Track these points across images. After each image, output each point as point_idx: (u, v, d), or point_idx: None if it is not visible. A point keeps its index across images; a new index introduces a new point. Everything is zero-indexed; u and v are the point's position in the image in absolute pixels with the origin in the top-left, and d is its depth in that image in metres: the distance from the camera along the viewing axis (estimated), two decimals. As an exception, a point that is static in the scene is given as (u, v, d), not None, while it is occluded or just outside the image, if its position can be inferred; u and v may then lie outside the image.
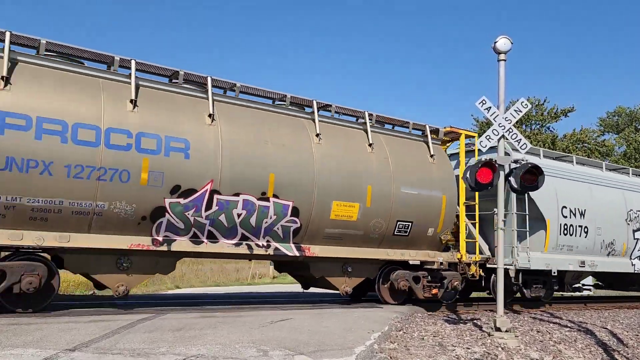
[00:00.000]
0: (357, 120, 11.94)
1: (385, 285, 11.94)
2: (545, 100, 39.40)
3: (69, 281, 21.27)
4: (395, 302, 12.00)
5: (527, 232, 13.54)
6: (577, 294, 17.98)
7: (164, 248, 9.10)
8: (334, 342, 6.89)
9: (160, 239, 9.07)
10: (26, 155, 7.83)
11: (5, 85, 7.94)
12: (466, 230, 12.77)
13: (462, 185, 12.49)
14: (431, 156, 12.30)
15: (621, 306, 16.13)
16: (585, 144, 38.71)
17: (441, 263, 12.16)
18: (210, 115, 9.54)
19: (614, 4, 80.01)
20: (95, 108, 8.52)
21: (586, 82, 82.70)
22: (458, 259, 12.54)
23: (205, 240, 9.52)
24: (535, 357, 7.43)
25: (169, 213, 8.99)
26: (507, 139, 8.78)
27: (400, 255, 11.80)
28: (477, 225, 13.10)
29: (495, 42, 8.73)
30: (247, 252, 9.96)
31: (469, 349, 7.44)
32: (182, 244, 9.29)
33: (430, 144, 12.41)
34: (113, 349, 5.87)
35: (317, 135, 10.73)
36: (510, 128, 8.68)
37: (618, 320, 11.91)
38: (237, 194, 9.58)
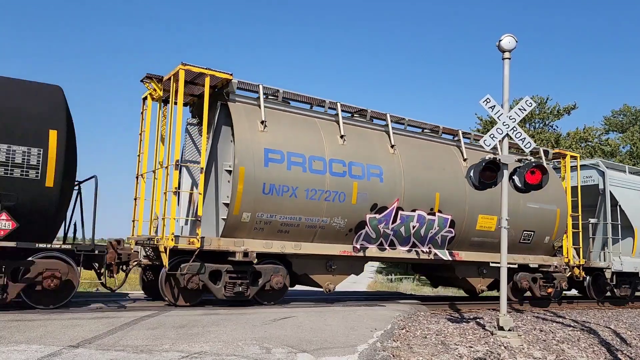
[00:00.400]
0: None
1: (509, 285, 13.70)
2: (547, 98, 39.27)
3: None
4: (516, 299, 14.10)
5: (620, 239, 15.60)
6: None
7: (360, 254, 11.33)
8: (336, 340, 6.89)
9: (358, 246, 11.28)
10: (281, 183, 10.04)
11: (264, 127, 10.08)
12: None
13: (569, 200, 14.97)
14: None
15: (625, 306, 16.14)
16: (589, 143, 38.56)
17: (556, 266, 14.38)
18: (392, 146, 11.82)
19: (621, 2, 79.48)
20: (320, 143, 10.80)
21: (593, 81, 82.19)
22: (566, 262, 14.86)
23: (387, 247, 11.72)
24: (538, 356, 7.42)
25: (367, 226, 11.21)
26: (511, 138, 8.74)
27: (522, 259, 13.95)
28: (580, 233, 15.15)
29: (500, 41, 8.67)
30: (416, 257, 12.15)
31: (471, 347, 7.44)
32: (372, 250, 11.52)
33: (544, 164, 14.36)
34: (116, 345, 5.88)
35: (465, 159, 12.91)
36: (514, 127, 8.65)
37: (621, 320, 11.88)
38: (413, 210, 11.78)
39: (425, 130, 13.10)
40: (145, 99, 11.08)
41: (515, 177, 8.84)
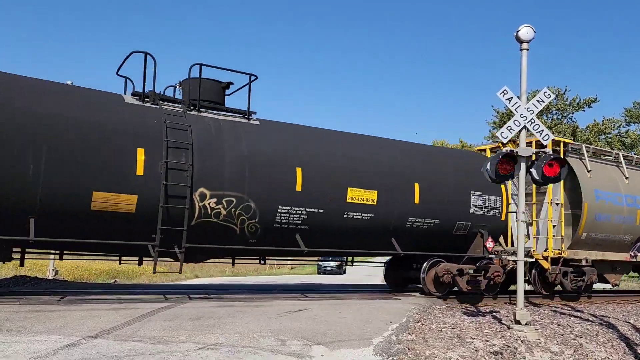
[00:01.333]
0: None
1: None
2: (565, 90, 38.65)
3: (92, 269, 21.50)
4: None
5: None
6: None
7: (633, 260, 15.27)
8: (351, 333, 6.90)
9: (632, 254, 15.17)
10: (604, 212, 13.92)
11: (590, 174, 13.96)
12: None
13: None
14: None
15: None
16: (608, 135, 37.92)
17: None
18: None
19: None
20: (617, 183, 14.69)
21: (614, 72, 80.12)
22: None
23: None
24: (555, 350, 7.35)
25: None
26: (528, 130, 8.62)
27: None
28: None
29: (517, 31, 8.52)
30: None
31: (487, 341, 7.39)
32: (638, 257, 15.36)
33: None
34: (134, 336, 5.96)
35: None
36: (532, 119, 8.52)
37: (641, 315, 11.69)
38: None
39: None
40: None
41: (532, 170, 8.71)
